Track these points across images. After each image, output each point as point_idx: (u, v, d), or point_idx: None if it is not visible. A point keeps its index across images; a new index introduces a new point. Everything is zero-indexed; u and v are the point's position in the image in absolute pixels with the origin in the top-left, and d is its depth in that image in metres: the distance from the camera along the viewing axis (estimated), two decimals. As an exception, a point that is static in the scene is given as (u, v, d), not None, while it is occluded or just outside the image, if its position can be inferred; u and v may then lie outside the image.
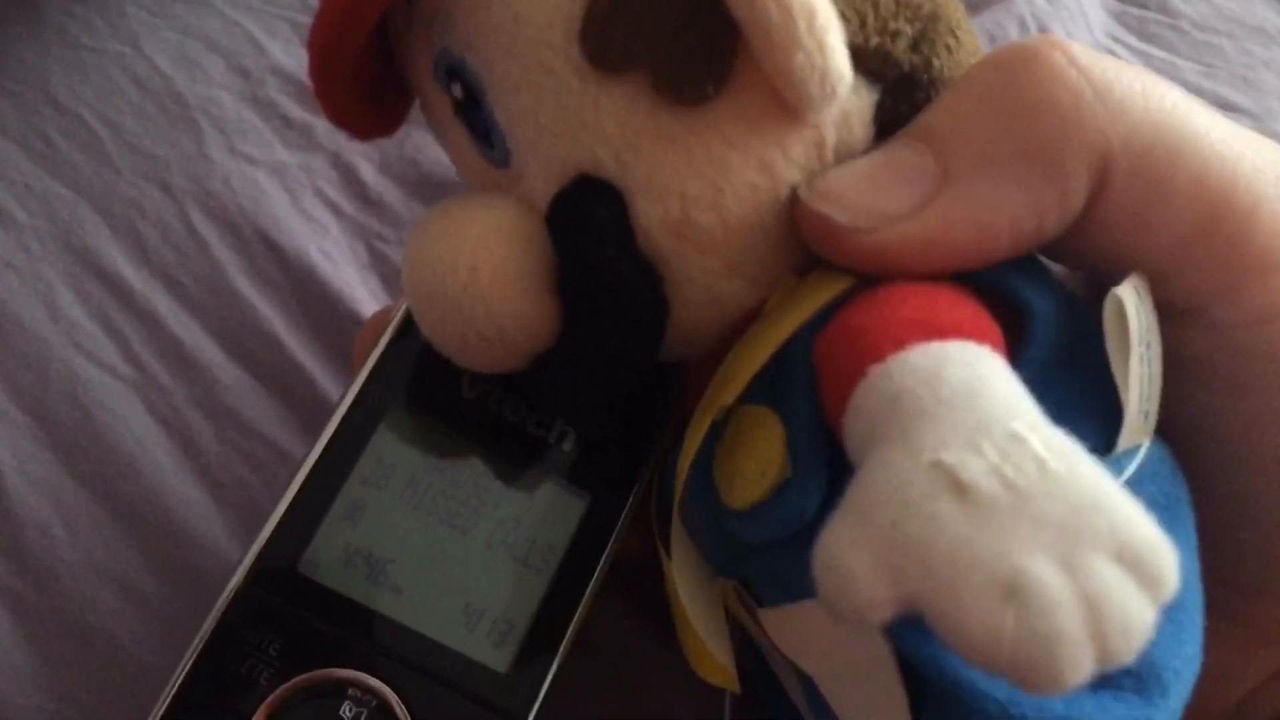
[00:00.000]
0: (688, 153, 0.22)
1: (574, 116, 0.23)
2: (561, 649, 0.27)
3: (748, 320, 0.24)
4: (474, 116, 0.25)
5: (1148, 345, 0.21)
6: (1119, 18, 0.49)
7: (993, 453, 0.17)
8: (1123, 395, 0.21)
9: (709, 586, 0.26)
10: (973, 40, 0.24)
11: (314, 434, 0.36)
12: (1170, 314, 0.22)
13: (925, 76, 0.23)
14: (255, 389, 0.37)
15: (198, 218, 0.40)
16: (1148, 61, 0.48)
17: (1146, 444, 0.21)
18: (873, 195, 0.22)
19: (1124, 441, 0.21)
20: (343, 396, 0.28)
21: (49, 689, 0.31)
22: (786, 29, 0.20)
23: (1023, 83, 0.21)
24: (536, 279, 0.23)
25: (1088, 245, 0.22)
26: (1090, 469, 0.17)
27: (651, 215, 0.23)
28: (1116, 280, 0.21)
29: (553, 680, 0.26)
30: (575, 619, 0.27)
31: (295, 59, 0.45)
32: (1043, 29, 0.47)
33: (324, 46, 0.23)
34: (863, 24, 0.22)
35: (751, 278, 0.23)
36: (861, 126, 0.23)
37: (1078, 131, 0.21)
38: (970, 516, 0.16)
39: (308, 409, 0.37)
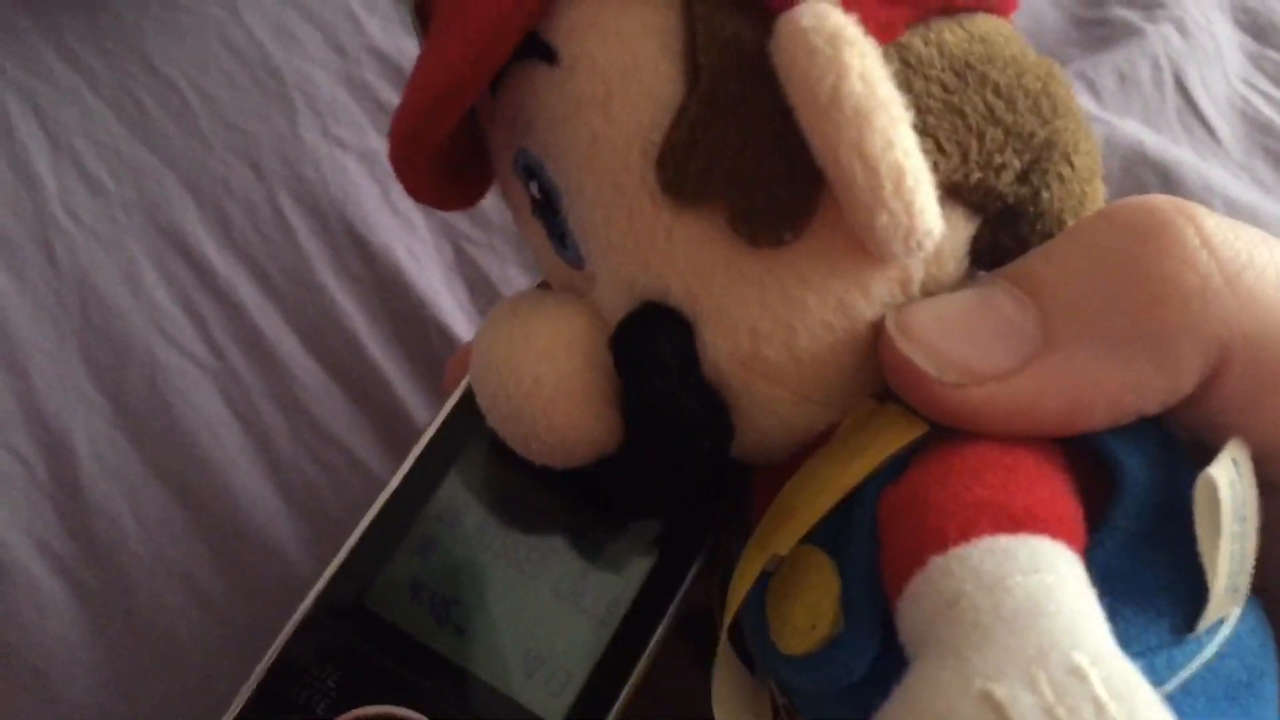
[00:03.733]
0: (761, 290, 0.21)
1: (645, 242, 0.22)
2: (618, 704, 0.26)
3: (821, 437, 0.23)
4: (550, 217, 0.24)
5: (1242, 520, 0.19)
6: (1256, 61, 0.47)
7: (1048, 689, 0.15)
8: (1209, 578, 0.19)
9: (754, 693, 0.25)
10: (1091, 161, 0.23)
11: (387, 443, 0.36)
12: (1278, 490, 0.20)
13: (1033, 209, 0.22)
14: (332, 390, 0.37)
15: (286, 202, 0.39)
16: (1283, 113, 0.45)
17: (1234, 616, 0.20)
18: (965, 347, 0.20)
19: (1206, 622, 0.19)
20: (425, 429, 0.28)
21: (108, 685, 0.31)
22: (872, 190, 0.19)
23: (1148, 256, 0.19)
24: (600, 394, 0.23)
25: (1193, 420, 0.20)
26: (1151, 713, 0.15)
27: (720, 348, 0.22)
28: (1216, 449, 0.19)
29: None
30: (634, 674, 0.27)
31: (392, 39, 0.44)
32: (1176, 70, 0.44)
33: (406, 137, 0.23)
34: (964, 158, 0.21)
35: (823, 404, 0.22)
36: (955, 260, 0.22)
37: (1199, 321, 0.19)
38: None
39: (382, 416, 0.36)
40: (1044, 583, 0.17)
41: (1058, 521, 0.18)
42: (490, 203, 0.40)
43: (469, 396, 0.27)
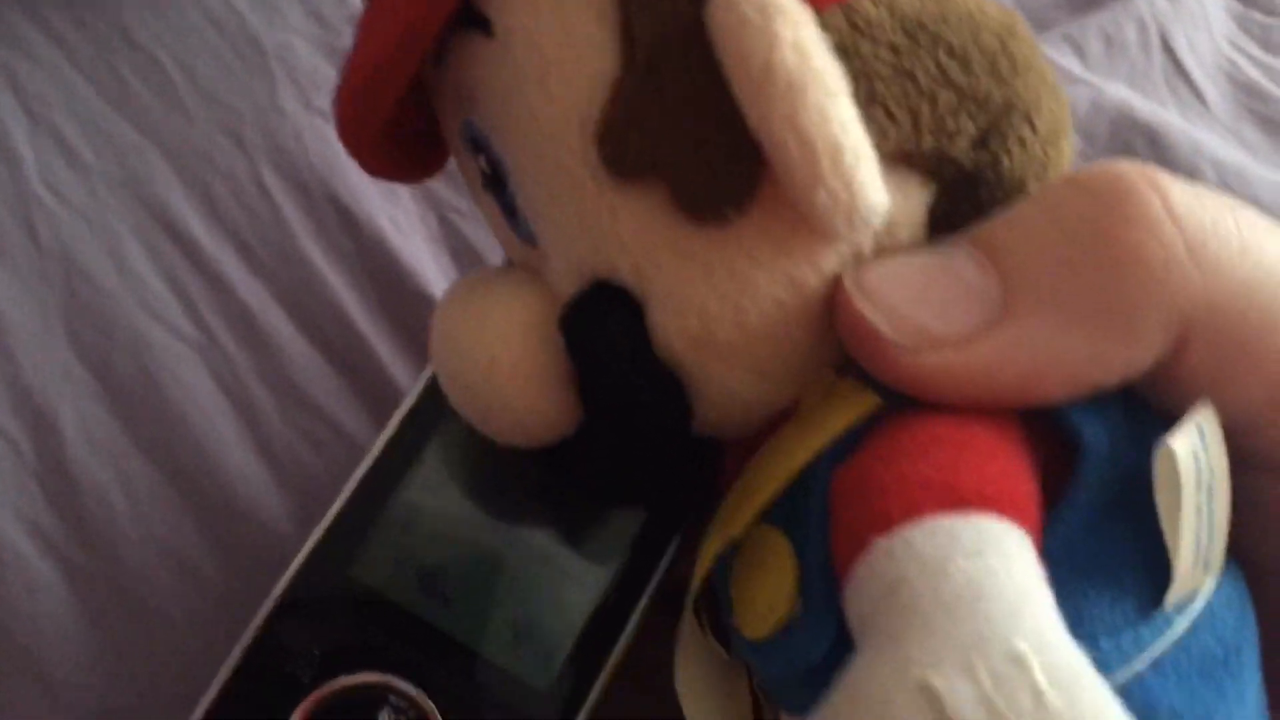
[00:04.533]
0: (708, 269, 0.21)
1: (590, 221, 0.21)
2: (606, 670, 0.26)
3: (784, 413, 0.23)
4: (500, 192, 0.23)
5: (1209, 490, 0.19)
6: (1241, 23, 0.46)
7: (986, 678, 0.15)
8: (1171, 552, 0.19)
9: (728, 671, 0.25)
10: (1053, 121, 0.22)
11: (375, 417, 0.36)
12: (1255, 464, 0.20)
13: (992, 175, 0.21)
14: (320, 364, 0.36)
15: (269, 175, 0.39)
16: (1269, 74, 0.45)
17: (1207, 590, 0.20)
18: (923, 310, 0.20)
19: (1173, 599, 0.19)
20: (406, 396, 0.28)
21: (103, 666, 0.31)
22: (808, 167, 0.18)
23: (1112, 223, 0.19)
24: (555, 375, 0.22)
25: (1162, 393, 0.20)
26: (1094, 701, 0.15)
27: (669, 328, 0.21)
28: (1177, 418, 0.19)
29: (595, 700, 0.26)
30: (621, 640, 0.27)
31: (375, 8, 0.43)
32: (1163, 32, 0.44)
33: (349, 115, 0.22)
34: (916, 124, 0.20)
35: (780, 380, 0.22)
36: (910, 229, 0.21)
37: (1161, 292, 0.18)
38: None
39: (371, 389, 0.36)
40: (987, 566, 0.17)
41: (1009, 500, 0.18)
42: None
43: None
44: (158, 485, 0.34)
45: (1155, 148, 0.42)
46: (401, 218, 0.39)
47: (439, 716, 0.25)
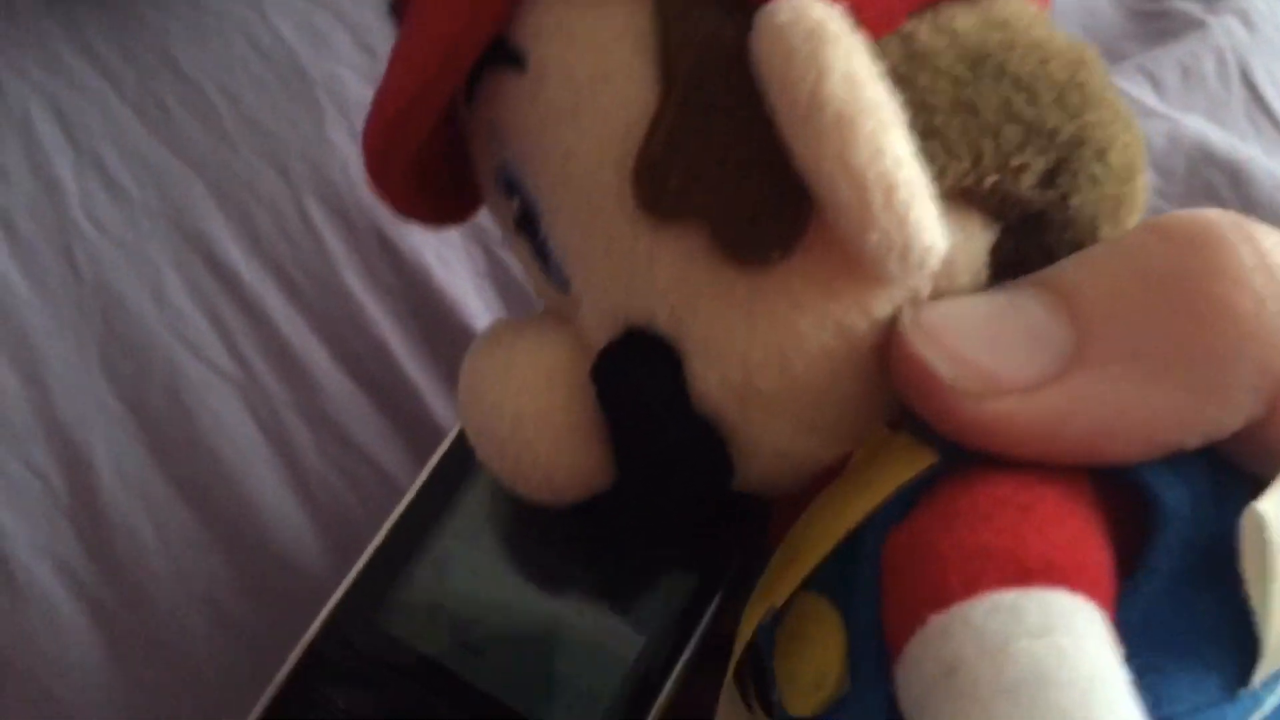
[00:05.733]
0: (750, 315, 0.19)
1: (625, 265, 0.20)
2: None
3: (834, 469, 0.21)
4: (532, 235, 0.22)
5: None
6: (1326, 54, 0.45)
7: None
8: (1259, 624, 0.17)
9: None
10: (1130, 157, 0.20)
11: (416, 455, 0.34)
12: None
13: (1060, 215, 0.20)
14: (360, 401, 0.35)
15: (313, 206, 0.38)
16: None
17: None
18: (987, 353, 0.18)
19: (1263, 672, 0.17)
20: (442, 441, 0.27)
21: (130, 708, 0.30)
22: (859, 206, 0.17)
23: (1197, 273, 0.17)
24: (586, 429, 0.21)
25: (1249, 456, 0.18)
26: None
27: (709, 379, 0.20)
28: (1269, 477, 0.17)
29: None
30: (660, 699, 0.25)
31: (424, 38, 0.42)
32: (1242, 63, 0.42)
33: (377, 151, 0.21)
34: (977, 160, 0.18)
35: (829, 435, 0.20)
36: (971, 273, 0.20)
37: (1251, 348, 0.17)
38: None
39: (412, 428, 0.35)
40: (1056, 646, 0.15)
41: (1079, 570, 0.17)
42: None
43: None
44: (191, 524, 0.33)
45: (1236, 183, 0.40)
46: (447, 252, 0.38)
47: None
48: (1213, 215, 0.18)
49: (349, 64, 0.42)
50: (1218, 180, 0.40)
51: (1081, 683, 0.15)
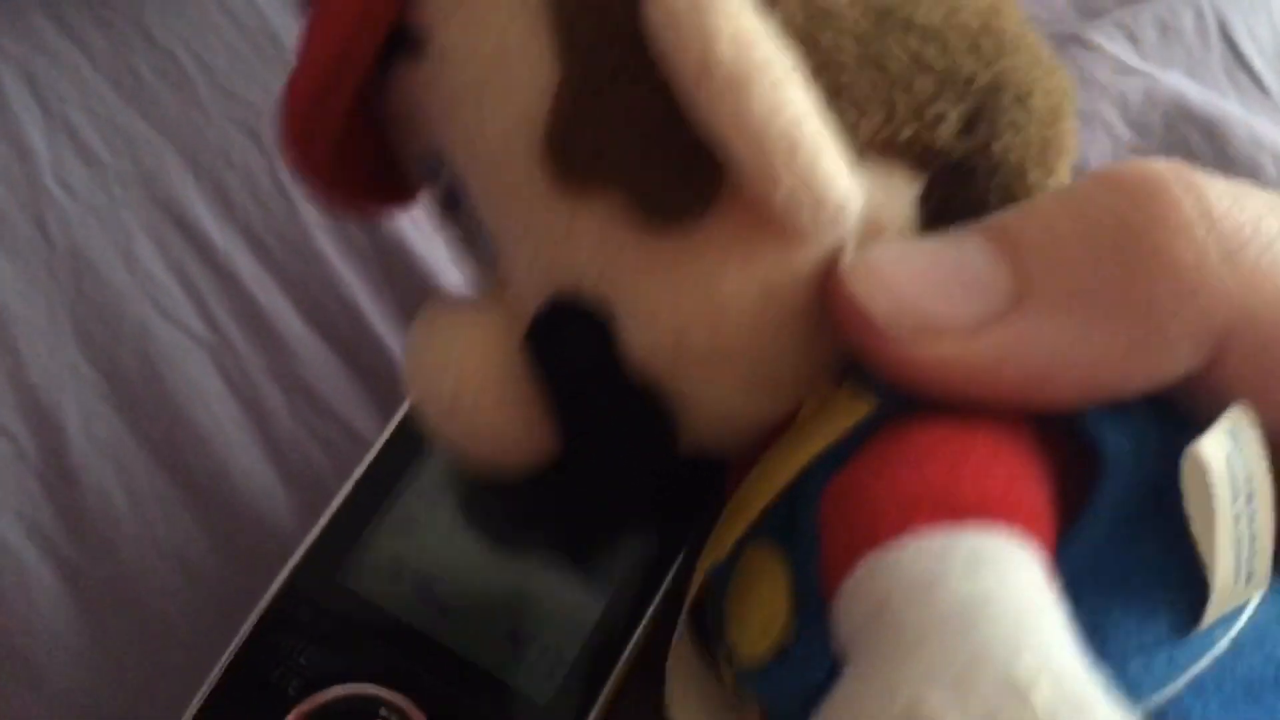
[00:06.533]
0: (675, 277, 0.19)
1: (546, 237, 0.20)
2: (609, 685, 0.25)
3: (784, 425, 0.21)
4: (459, 213, 0.22)
5: (1249, 497, 0.17)
6: (1307, 11, 0.44)
7: (979, 705, 0.13)
8: (1206, 565, 0.17)
9: (723, 697, 0.23)
10: (1054, 100, 0.20)
11: (388, 418, 0.34)
12: None
13: (985, 162, 0.20)
14: (333, 364, 0.35)
15: (285, 171, 0.38)
16: (1336, 64, 0.43)
17: (1252, 605, 0.18)
18: (925, 294, 0.18)
19: (1212, 613, 0.17)
20: (405, 400, 0.27)
21: (99, 667, 0.30)
22: (761, 165, 0.17)
23: (1140, 222, 0.17)
24: (524, 399, 0.21)
25: (1195, 404, 0.18)
26: None
27: (641, 342, 0.20)
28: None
29: (597, 717, 0.25)
30: (625, 654, 0.25)
31: (398, 4, 0.42)
32: (1221, 19, 0.42)
33: (290, 142, 0.21)
34: (890, 115, 0.18)
35: (769, 391, 0.20)
36: (897, 225, 0.19)
37: (1193, 299, 0.17)
38: None
39: (385, 391, 0.35)
40: (986, 582, 0.15)
41: (1013, 509, 0.16)
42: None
43: None
44: (162, 485, 0.33)
45: (1212, 139, 0.39)
46: (421, 216, 0.38)
47: None
48: (1159, 166, 0.18)
49: (322, 30, 0.41)
50: (1195, 136, 0.39)
51: (1013, 617, 0.15)
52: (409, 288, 0.37)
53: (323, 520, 0.25)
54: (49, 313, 0.35)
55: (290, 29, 0.41)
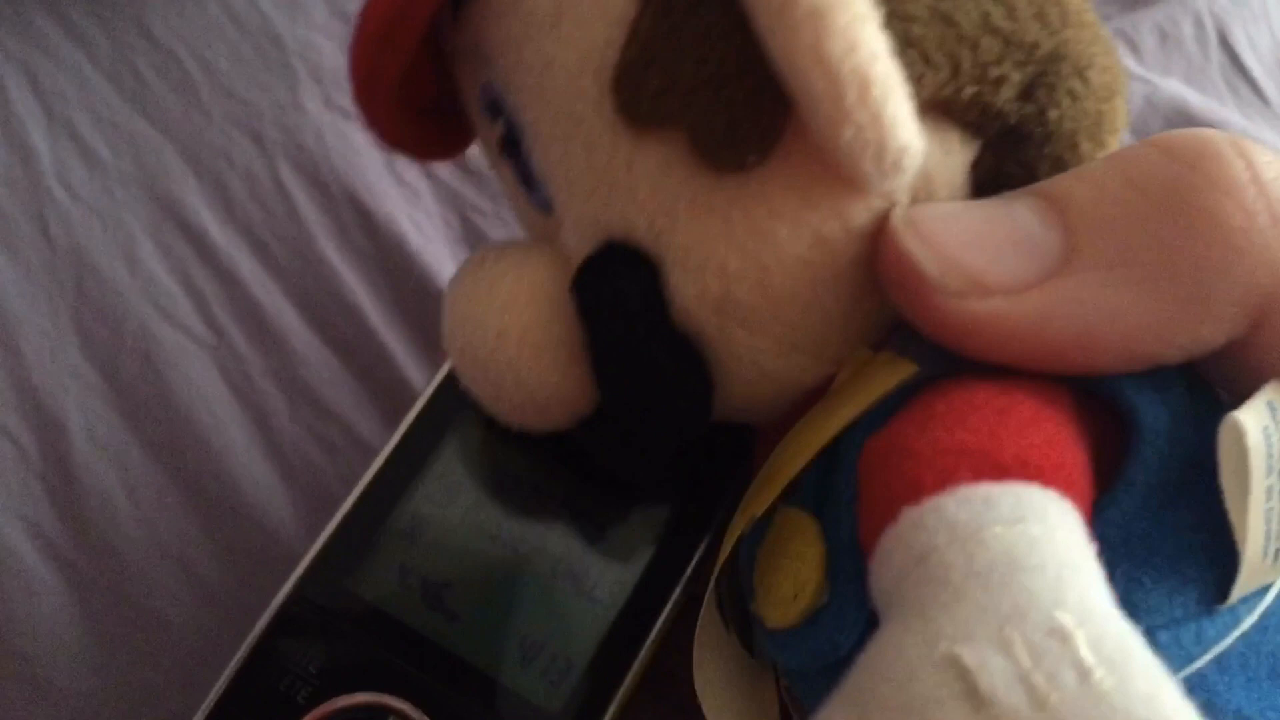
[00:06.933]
0: (728, 224, 0.19)
1: (605, 175, 0.20)
2: (620, 694, 0.25)
3: (818, 394, 0.21)
4: (517, 156, 0.22)
5: None
6: (1305, 20, 0.44)
7: (1024, 653, 0.14)
8: (1238, 539, 0.17)
9: (750, 669, 0.23)
10: (1110, 78, 0.20)
11: (390, 421, 0.34)
12: None
13: (1039, 130, 0.20)
14: (334, 366, 0.35)
15: (286, 173, 0.38)
16: (1334, 73, 0.43)
17: (1278, 584, 0.18)
18: (976, 253, 0.18)
19: (1240, 589, 0.17)
20: (415, 403, 0.27)
21: (99, 671, 0.30)
22: (833, 100, 0.17)
23: (1191, 184, 0.17)
24: (567, 347, 0.21)
25: (1235, 375, 0.18)
26: (1147, 681, 0.13)
27: (688, 290, 0.20)
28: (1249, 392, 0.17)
29: None
30: (637, 662, 0.25)
31: (400, 6, 0.42)
32: (1220, 27, 0.42)
33: (363, 73, 0.21)
34: (955, 71, 0.19)
35: (811, 354, 0.20)
36: (950, 188, 0.20)
37: (1239, 261, 0.17)
38: None
39: (387, 393, 0.35)
40: (1027, 534, 0.15)
41: (1054, 469, 0.16)
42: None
43: None
44: (164, 488, 0.33)
45: (1213, 147, 0.40)
46: (423, 219, 0.38)
47: None
48: (1211, 133, 0.18)
49: (324, 31, 0.41)
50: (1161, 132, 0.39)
51: (1052, 568, 0.15)
52: (410, 291, 0.37)
53: (330, 526, 0.25)
54: (51, 314, 0.35)
55: (291, 30, 0.41)
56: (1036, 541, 0.15)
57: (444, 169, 0.39)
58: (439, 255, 0.37)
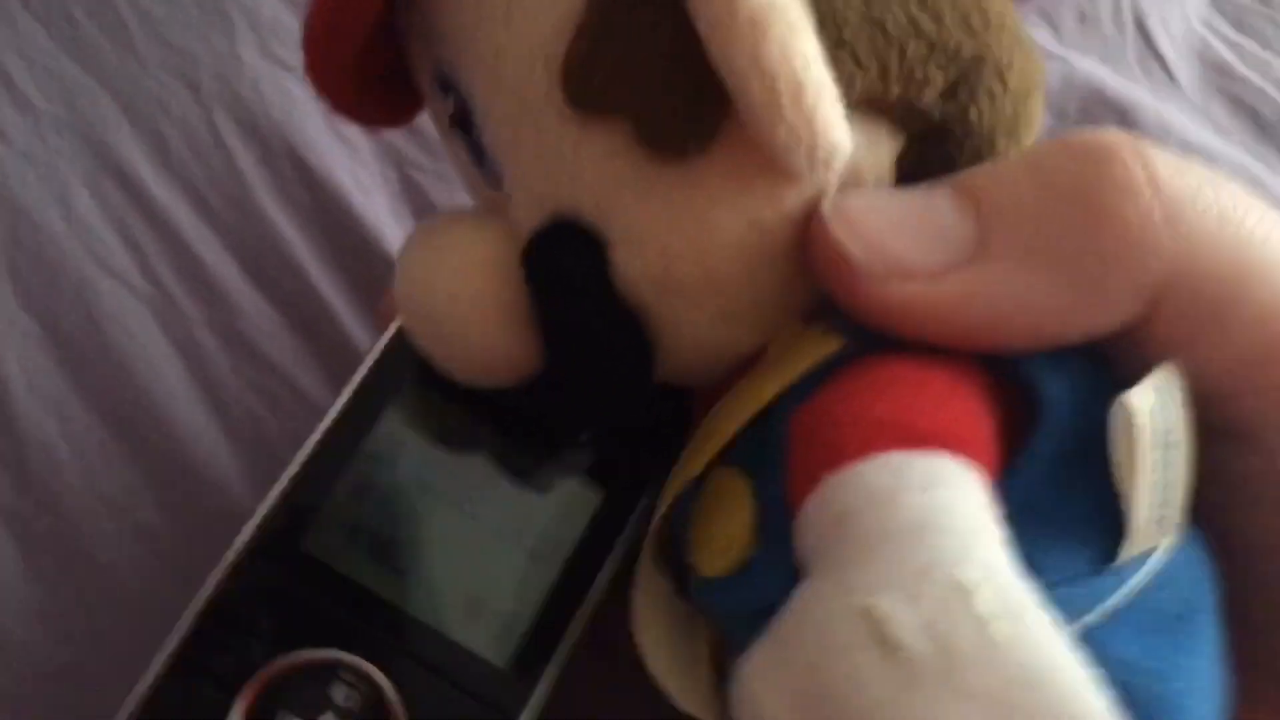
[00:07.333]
0: (670, 207, 0.20)
1: (553, 157, 0.21)
2: (563, 647, 0.26)
3: (751, 361, 0.22)
4: (467, 133, 0.23)
5: (1166, 447, 0.19)
6: (1216, 4, 0.46)
7: (930, 605, 0.15)
8: (1126, 507, 0.19)
9: (687, 619, 0.25)
10: (1027, 80, 0.22)
11: (330, 374, 0.35)
12: (1226, 434, 0.20)
13: (960, 127, 0.21)
14: (275, 319, 0.36)
15: (224, 123, 0.38)
16: (1240, 55, 0.45)
17: (1164, 548, 0.20)
18: (897, 239, 0.20)
19: (1128, 551, 0.19)
20: (361, 364, 0.27)
21: (47, 621, 0.31)
22: (768, 103, 0.18)
23: (1093, 183, 0.19)
24: (516, 312, 0.22)
25: (1128, 357, 0.20)
26: (1040, 632, 0.15)
27: (632, 266, 0.21)
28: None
29: (552, 680, 0.26)
30: (579, 618, 0.26)
31: (339, -45, 0.42)
32: (1137, 9, 0.44)
33: (317, 48, 0.22)
34: (884, 72, 0.20)
35: (746, 324, 0.22)
36: (876, 178, 0.21)
37: (1133, 254, 0.19)
38: (893, 677, 0.15)
39: (327, 346, 0.35)
40: (938, 500, 0.17)
41: (966, 441, 0.18)
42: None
43: (404, 334, 0.27)
44: (105, 438, 0.33)
45: (1124, 125, 0.41)
46: (362, 173, 0.39)
47: (393, 692, 0.24)
48: (1114, 134, 0.19)
49: (262, -21, 0.41)
50: (1108, 120, 0.41)
51: (961, 532, 0.16)
52: (350, 245, 0.37)
53: (279, 485, 0.25)
54: (-15, 262, 0.35)
55: (229, -23, 0.41)
56: (946, 507, 0.17)
57: (383, 124, 0.39)
58: (377, 210, 0.38)
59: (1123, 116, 0.42)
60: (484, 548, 0.26)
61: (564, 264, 0.21)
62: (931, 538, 0.16)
